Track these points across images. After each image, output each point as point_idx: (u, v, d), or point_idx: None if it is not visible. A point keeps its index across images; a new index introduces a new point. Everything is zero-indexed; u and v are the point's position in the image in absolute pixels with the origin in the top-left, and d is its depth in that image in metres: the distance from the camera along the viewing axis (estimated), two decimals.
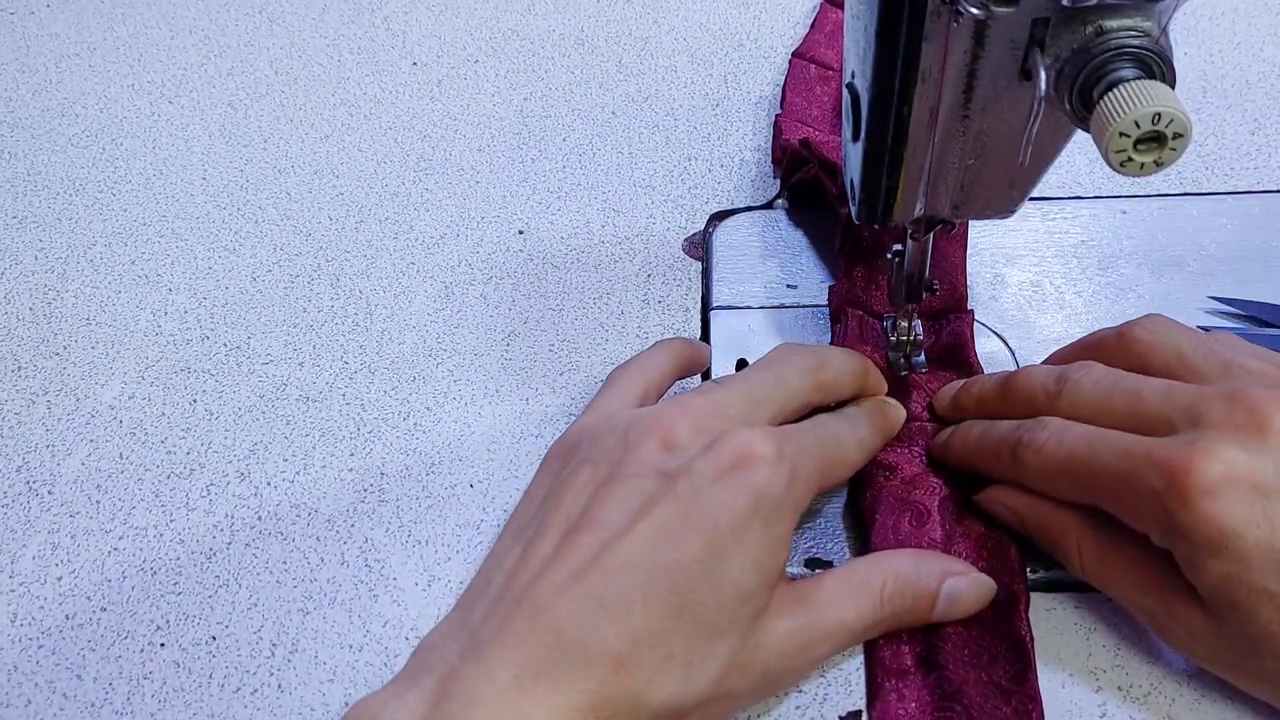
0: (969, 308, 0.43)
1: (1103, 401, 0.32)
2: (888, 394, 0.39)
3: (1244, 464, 0.28)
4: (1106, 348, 0.35)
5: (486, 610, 0.29)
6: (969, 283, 0.44)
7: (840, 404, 0.37)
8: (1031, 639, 0.33)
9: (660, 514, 0.29)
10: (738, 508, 0.29)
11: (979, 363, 0.41)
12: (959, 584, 0.33)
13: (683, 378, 0.39)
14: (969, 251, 0.45)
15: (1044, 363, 0.38)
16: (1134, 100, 0.26)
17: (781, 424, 0.33)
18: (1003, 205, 0.35)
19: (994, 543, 0.35)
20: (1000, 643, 0.33)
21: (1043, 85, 0.28)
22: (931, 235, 0.37)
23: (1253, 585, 0.27)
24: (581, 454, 0.32)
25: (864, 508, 0.37)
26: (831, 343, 0.43)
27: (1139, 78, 0.26)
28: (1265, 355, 0.32)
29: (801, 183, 0.49)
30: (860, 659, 0.34)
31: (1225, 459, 0.28)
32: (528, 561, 0.29)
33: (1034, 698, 0.32)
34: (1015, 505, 0.34)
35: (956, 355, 0.41)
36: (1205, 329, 0.35)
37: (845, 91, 0.34)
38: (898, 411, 0.38)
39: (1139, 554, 0.31)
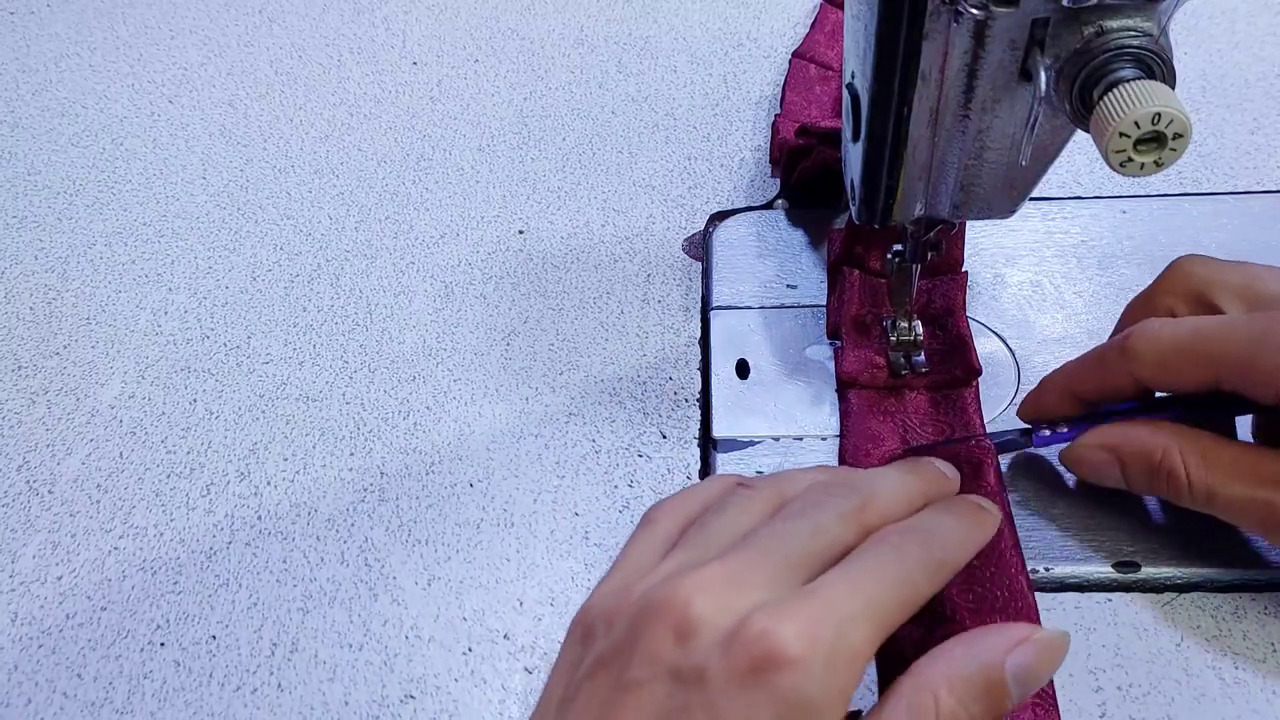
0: (964, 270, 0.43)
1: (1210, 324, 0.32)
2: (886, 396, 0.39)
3: None
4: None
5: None
6: (967, 282, 0.44)
7: None
8: (1031, 590, 0.32)
9: None
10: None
11: (969, 331, 0.41)
12: (1026, 655, 0.27)
13: None
14: (970, 252, 0.45)
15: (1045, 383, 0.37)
16: (1134, 100, 0.26)
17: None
18: (1003, 205, 0.35)
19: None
20: (1000, 591, 0.32)
21: (1043, 85, 0.28)
22: (934, 246, 0.37)
23: None
24: (596, 646, 0.28)
25: None
26: (829, 300, 0.43)
27: (1139, 78, 0.26)
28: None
29: (802, 182, 0.49)
30: None
31: None
32: None
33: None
34: (1108, 440, 0.34)
35: (946, 321, 0.41)
36: None
37: (845, 91, 0.34)
38: (993, 512, 0.32)
39: (1245, 450, 0.31)
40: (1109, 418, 0.35)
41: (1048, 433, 0.36)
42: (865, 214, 0.35)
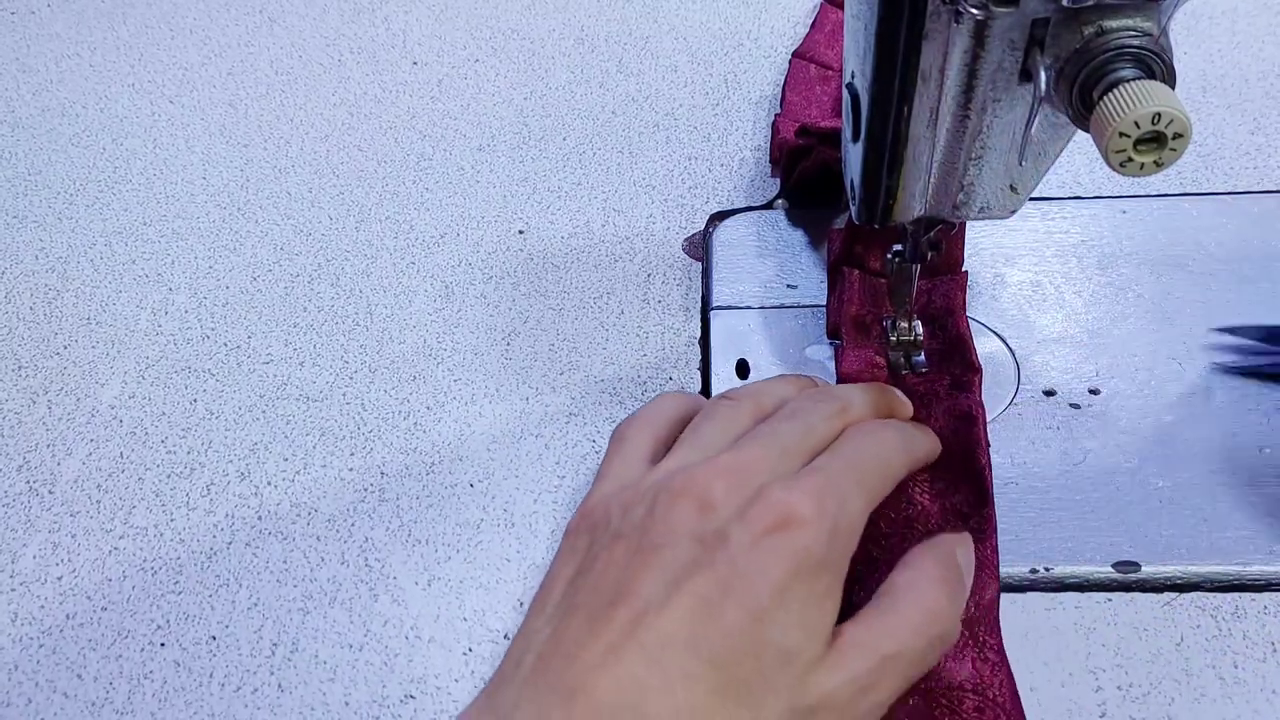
0: (964, 270, 0.43)
1: None
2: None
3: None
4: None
5: (518, 695, 0.27)
6: (968, 284, 0.44)
7: None
8: (990, 470, 0.35)
9: (698, 584, 0.27)
10: (778, 574, 0.27)
11: (969, 331, 0.41)
12: (964, 554, 0.33)
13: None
14: (970, 252, 0.46)
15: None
16: (1134, 100, 0.26)
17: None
18: (1003, 205, 0.35)
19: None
20: (961, 476, 0.36)
21: (1043, 85, 0.28)
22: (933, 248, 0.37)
23: None
24: (611, 528, 0.30)
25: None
26: (829, 300, 0.44)
27: (1139, 78, 0.26)
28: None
29: (802, 181, 0.49)
30: None
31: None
32: (560, 641, 0.28)
33: (989, 520, 0.34)
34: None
35: (946, 321, 0.41)
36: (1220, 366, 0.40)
37: (845, 91, 0.34)
38: (934, 440, 0.36)
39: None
40: None
41: None
42: (865, 214, 0.35)
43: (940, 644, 0.30)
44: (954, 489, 0.36)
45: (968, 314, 0.42)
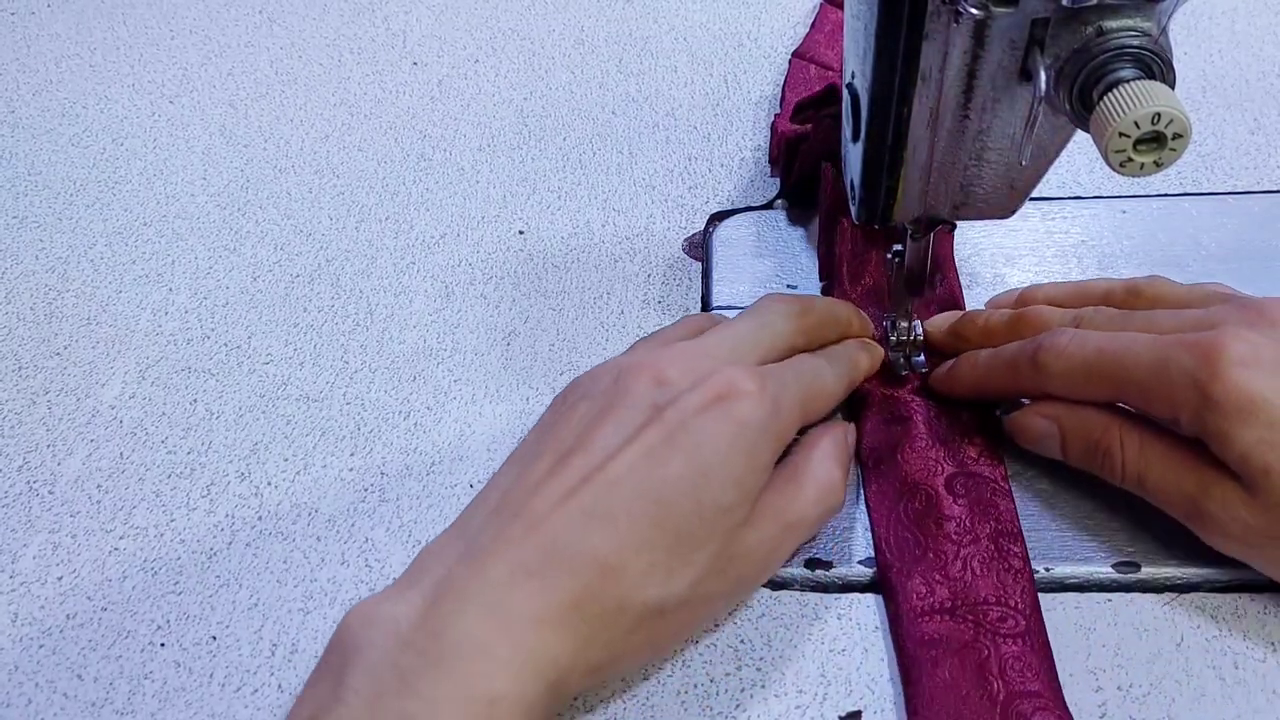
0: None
1: (1120, 325, 0.35)
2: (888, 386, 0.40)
3: (1266, 343, 0.30)
4: (1114, 299, 0.37)
5: (483, 521, 0.31)
6: (965, 285, 0.44)
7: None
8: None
9: (648, 437, 0.31)
10: (721, 432, 0.31)
11: (960, 286, 0.43)
12: (850, 433, 0.38)
13: None
14: (970, 252, 0.46)
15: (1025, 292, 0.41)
16: (1134, 100, 0.26)
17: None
18: (1003, 206, 0.35)
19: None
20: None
21: (1042, 86, 0.28)
22: (930, 241, 0.37)
23: None
24: (580, 392, 0.34)
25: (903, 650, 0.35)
26: (820, 247, 0.46)
27: (1139, 78, 0.26)
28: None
29: (802, 181, 0.49)
30: (860, 657, 0.34)
31: (1251, 340, 0.30)
32: (524, 480, 0.31)
33: (999, 460, 0.38)
34: (1053, 412, 0.36)
35: (935, 277, 0.42)
36: None
37: (845, 91, 0.34)
38: (877, 350, 0.40)
39: (1177, 442, 0.33)
40: None
41: None
42: (865, 214, 0.35)
43: (831, 513, 0.35)
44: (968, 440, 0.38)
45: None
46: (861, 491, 0.38)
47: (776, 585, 0.36)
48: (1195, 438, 0.31)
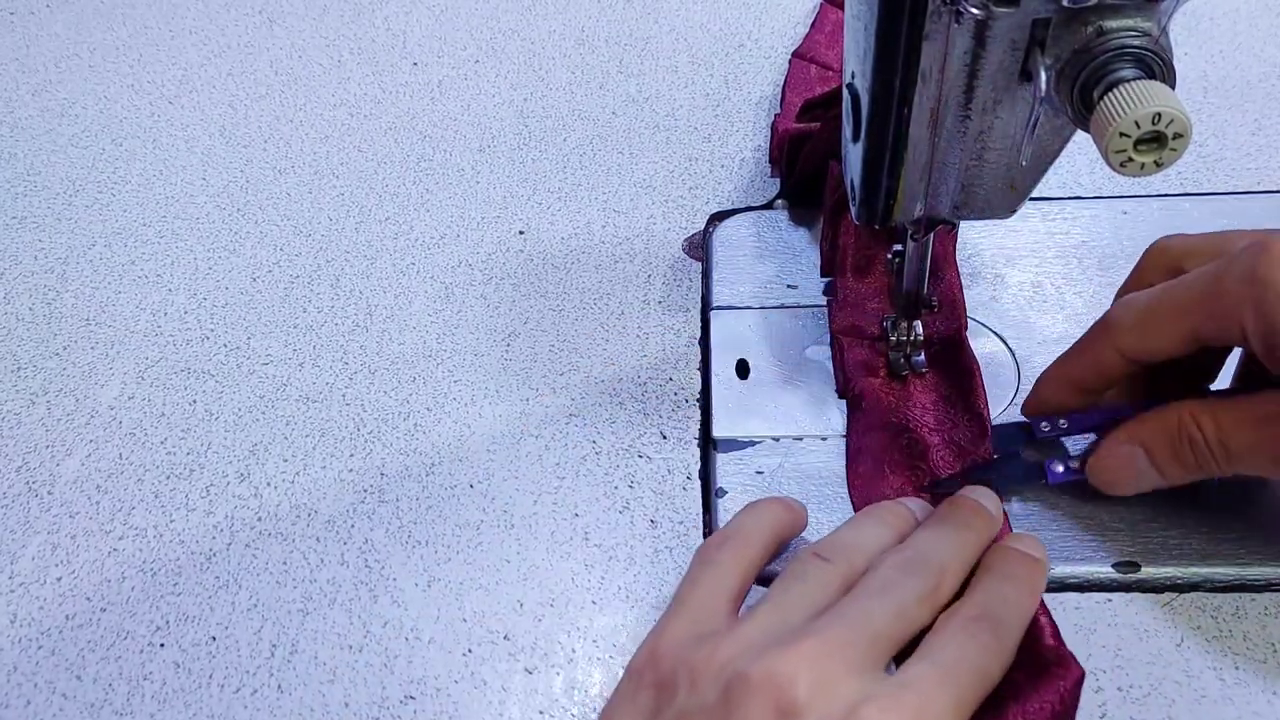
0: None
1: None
2: (883, 392, 0.40)
3: None
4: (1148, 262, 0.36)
5: None
6: (966, 285, 0.44)
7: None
8: (988, 409, 0.38)
9: None
10: None
11: (960, 285, 0.43)
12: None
13: (780, 553, 0.35)
14: (970, 252, 0.46)
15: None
16: (1134, 100, 0.26)
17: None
18: (1003, 205, 0.35)
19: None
20: (962, 413, 0.38)
21: (1043, 86, 0.28)
22: (930, 241, 0.37)
23: None
24: (678, 703, 0.28)
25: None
26: (823, 242, 0.46)
27: (1139, 78, 0.26)
28: None
29: (802, 181, 0.49)
30: None
31: None
32: None
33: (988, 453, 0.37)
34: (1126, 434, 0.34)
35: (936, 274, 0.43)
36: None
37: (845, 91, 0.34)
38: (1043, 567, 0.33)
39: (1245, 396, 0.32)
40: (1107, 415, 0.35)
41: (1047, 426, 0.36)
42: (865, 214, 0.35)
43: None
44: (955, 425, 0.38)
45: (969, 315, 0.42)
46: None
47: None
48: (1266, 361, 0.30)
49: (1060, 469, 0.35)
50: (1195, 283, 0.32)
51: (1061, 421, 0.36)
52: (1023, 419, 0.37)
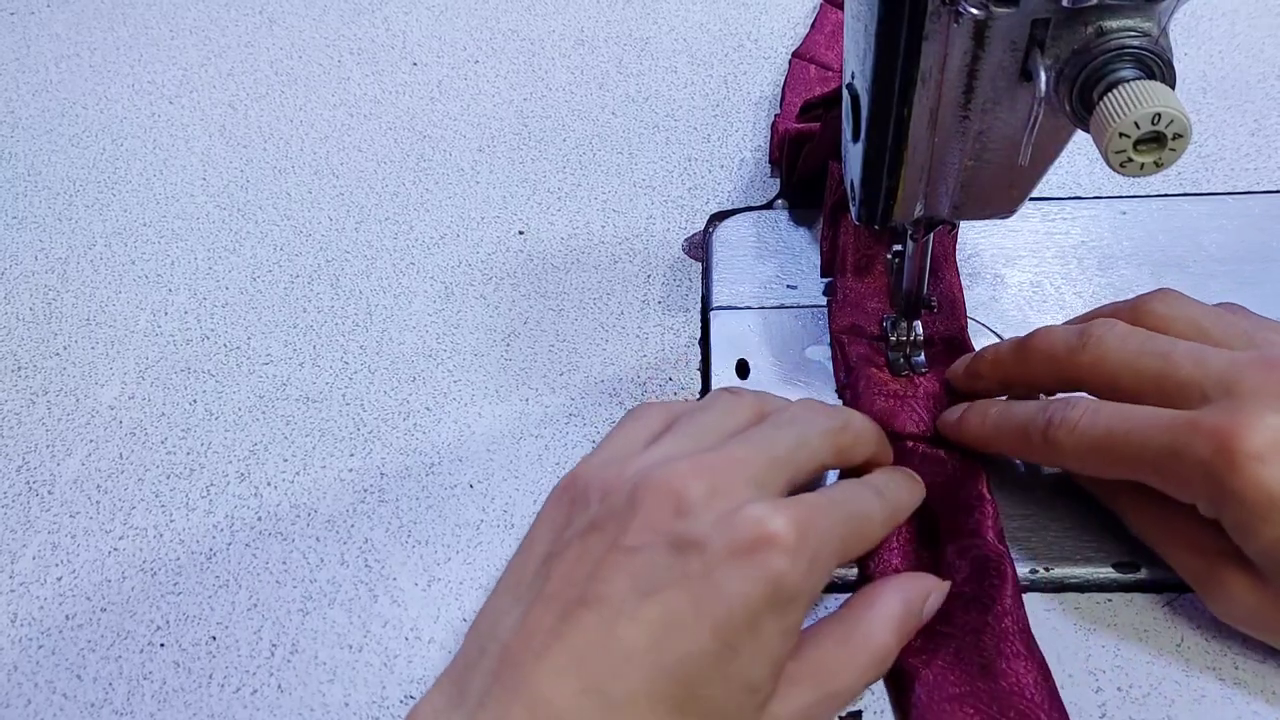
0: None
1: (1131, 360, 0.32)
2: (892, 380, 0.40)
3: None
4: (1121, 319, 0.34)
5: (483, 689, 0.27)
6: (966, 285, 0.44)
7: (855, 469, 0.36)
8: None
9: (669, 598, 0.27)
10: (753, 596, 0.27)
11: (960, 284, 0.43)
12: (935, 599, 0.33)
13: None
14: (970, 252, 0.46)
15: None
16: (1134, 100, 0.26)
17: (797, 486, 0.31)
18: (1003, 206, 0.35)
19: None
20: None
21: (1043, 86, 0.28)
22: (930, 241, 0.37)
23: None
24: (589, 512, 0.30)
25: None
26: (822, 241, 0.46)
27: (1139, 78, 0.26)
28: None
29: (802, 181, 0.49)
30: None
31: (1272, 426, 0.28)
32: (527, 634, 0.28)
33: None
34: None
35: (936, 273, 0.43)
36: None
37: (845, 92, 0.34)
38: (919, 485, 0.36)
39: (1185, 518, 0.31)
40: None
41: None
42: (865, 214, 0.35)
43: (875, 680, 0.32)
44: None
45: (969, 315, 0.42)
46: None
47: None
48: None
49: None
50: (1147, 443, 0.30)
51: None
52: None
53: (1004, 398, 0.37)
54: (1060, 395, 0.34)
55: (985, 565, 0.33)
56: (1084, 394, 0.34)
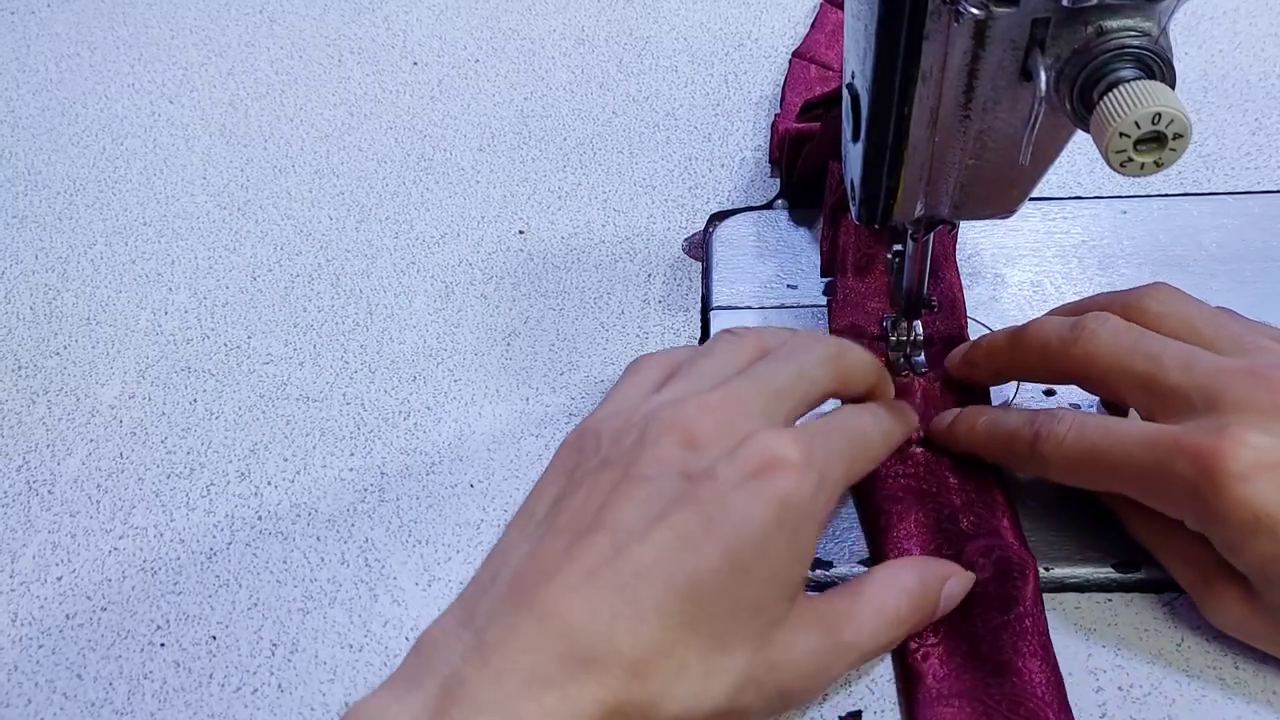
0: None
1: (1121, 359, 0.32)
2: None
3: (1271, 448, 0.28)
4: (1114, 313, 0.34)
5: (492, 609, 0.27)
6: (965, 284, 0.44)
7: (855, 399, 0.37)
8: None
9: (680, 519, 0.27)
10: (762, 517, 0.27)
11: (960, 285, 0.43)
12: (954, 586, 0.33)
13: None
14: (970, 252, 0.46)
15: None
16: (1134, 100, 0.26)
17: (801, 415, 0.32)
18: (1003, 205, 0.35)
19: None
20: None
21: (1043, 85, 0.28)
22: (930, 241, 0.37)
23: None
24: (600, 453, 0.30)
25: (872, 504, 0.36)
26: (823, 241, 0.45)
27: (1139, 78, 0.26)
28: (1274, 332, 0.33)
29: (802, 181, 0.49)
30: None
31: (1254, 444, 0.28)
32: (537, 560, 0.28)
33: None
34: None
35: (936, 272, 0.43)
36: None
37: (845, 91, 0.34)
38: (912, 416, 0.37)
39: (1176, 529, 0.31)
40: None
41: None
42: (865, 214, 0.35)
43: (884, 652, 0.32)
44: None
45: (969, 315, 0.42)
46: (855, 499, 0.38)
47: None
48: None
49: None
50: (1130, 459, 0.31)
51: None
52: None
53: (995, 404, 0.38)
54: (1047, 409, 0.35)
55: (1009, 566, 0.34)
56: (1067, 407, 0.35)
